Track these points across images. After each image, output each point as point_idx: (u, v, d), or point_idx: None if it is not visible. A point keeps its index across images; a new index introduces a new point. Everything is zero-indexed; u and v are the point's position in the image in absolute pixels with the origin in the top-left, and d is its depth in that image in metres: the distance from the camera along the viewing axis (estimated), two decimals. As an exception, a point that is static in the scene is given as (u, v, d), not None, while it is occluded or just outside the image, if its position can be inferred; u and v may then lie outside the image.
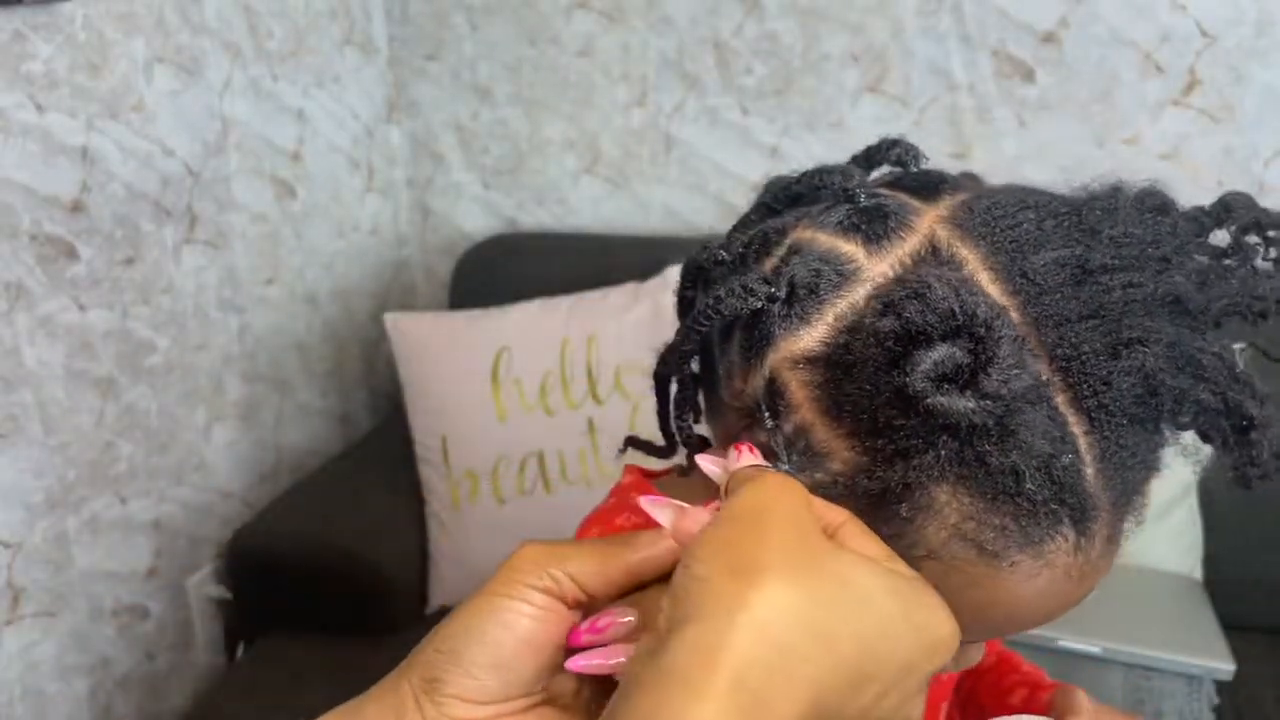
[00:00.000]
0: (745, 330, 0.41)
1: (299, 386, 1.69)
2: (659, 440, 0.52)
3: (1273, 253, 0.41)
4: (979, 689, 0.67)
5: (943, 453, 0.37)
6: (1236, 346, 0.39)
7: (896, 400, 0.37)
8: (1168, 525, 1.35)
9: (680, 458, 0.54)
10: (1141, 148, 1.52)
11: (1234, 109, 1.48)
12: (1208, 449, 0.41)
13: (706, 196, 1.74)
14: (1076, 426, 0.37)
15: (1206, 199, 0.43)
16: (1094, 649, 1.20)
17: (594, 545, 0.38)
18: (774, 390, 0.40)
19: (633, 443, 0.56)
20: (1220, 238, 0.42)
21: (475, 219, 1.89)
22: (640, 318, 1.50)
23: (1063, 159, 1.55)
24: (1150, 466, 0.40)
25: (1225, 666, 1.21)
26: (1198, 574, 1.38)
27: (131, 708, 1.39)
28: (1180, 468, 0.43)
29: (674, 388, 0.49)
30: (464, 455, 1.47)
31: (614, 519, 0.53)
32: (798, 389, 0.40)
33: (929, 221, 0.41)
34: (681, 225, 1.77)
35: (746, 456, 0.39)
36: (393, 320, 1.53)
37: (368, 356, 1.87)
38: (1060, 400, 0.37)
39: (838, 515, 0.37)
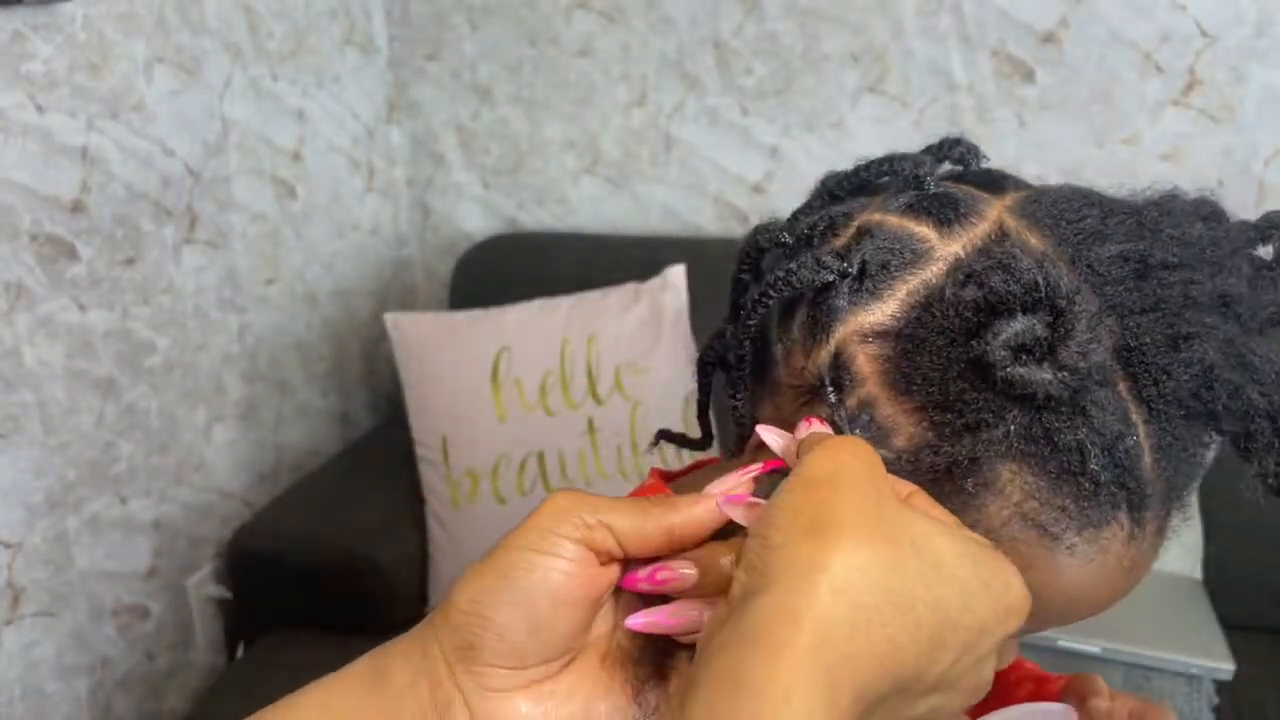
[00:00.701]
0: (811, 306, 0.41)
1: (299, 386, 1.69)
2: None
3: None
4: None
5: (1012, 427, 0.37)
6: None
7: (970, 372, 0.38)
8: (1168, 525, 1.35)
9: (714, 450, 0.54)
10: (1141, 148, 1.52)
11: (1234, 109, 1.48)
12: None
13: (706, 196, 1.74)
14: (1135, 415, 0.38)
15: None
16: (1094, 649, 1.20)
17: (632, 501, 0.37)
18: (839, 365, 0.40)
19: (666, 436, 0.56)
20: (1263, 253, 0.43)
21: (475, 219, 1.89)
22: (640, 318, 1.50)
23: (1063, 159, 1.55)
24: (1198, 464, 0.41)
25: (1225, 666, 1.21)
26: (1198, 574, 1.38)
27: (131, 708, 1.39)
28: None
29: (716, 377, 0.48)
30: (464, 455, 1.47)
31: None
32: (865, 362, 0.40)
33: (997, 211, 0.42)
34: (681, 225, 1.77)
35: (817, 427, 0.39)
36: (393, 320, 1.53)
37: (368, 356, 1.87)
38: (1121, 388, 0.38)
39: (906, 487, 0.37)
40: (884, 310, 0.40)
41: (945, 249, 0.41)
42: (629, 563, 0.37)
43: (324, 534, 1.44)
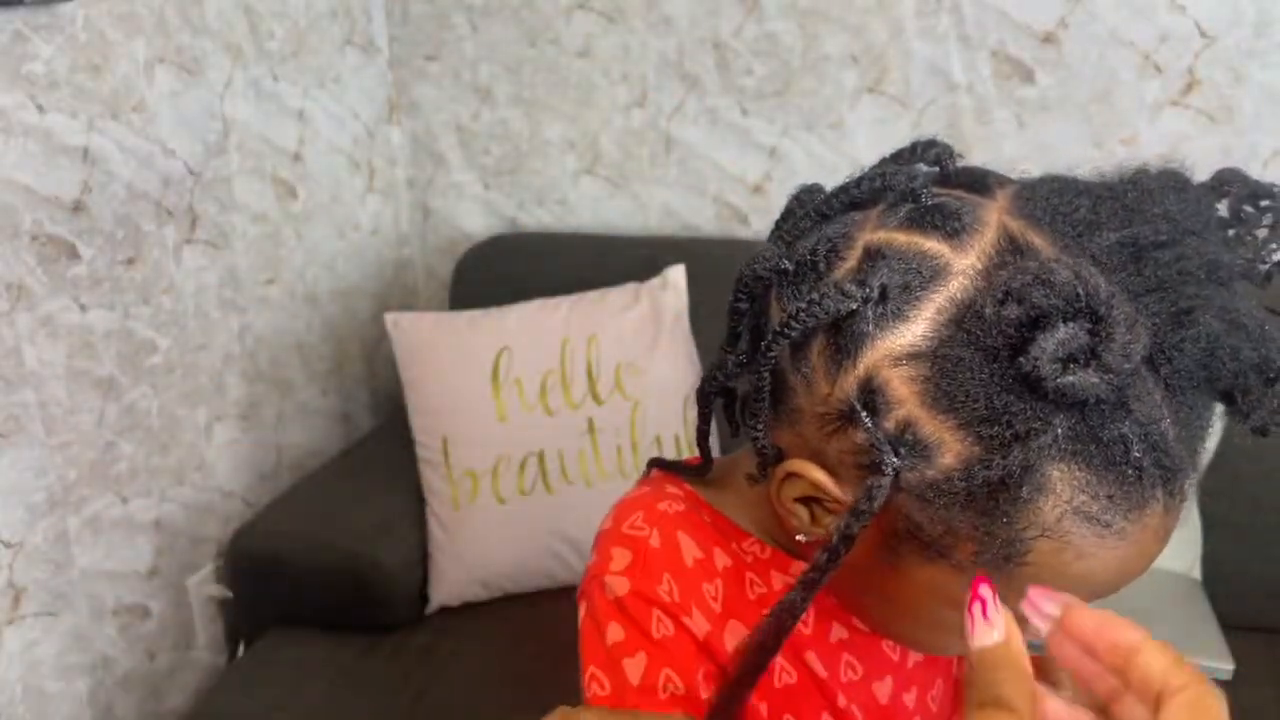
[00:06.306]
0: (830, 333, 0.42)
1: (299, 386, 1.70)
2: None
3: (1267, 220, 0.43)
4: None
5: (1060, 431, 0.38)
6: None
7: (1014, 385, 0.38)
8: (1166, 525, 1.35)
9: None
10: (1140, 148, 1.52)
11: (1232, 109, 1.48)
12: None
13: (706, 197, 1.74)
14: (1157, 393, 0.40)
15: None
16: (1093, 648, 1.21)
17: None
18: (871, 389, 0.41)
19: (660, 464, 0.58)
20: (1222, 209, 0.44)
21: (475, 219, 1.89)
22: (640, 318, 1.50)
23: (1062, 159, 1.54)
24: (1207, 426, 0.42)
25: (1224, 666, 1.21)
26: (1196, 573, 1.38)
27: (132, 707, 1.39)
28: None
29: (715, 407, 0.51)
30: (464, 455, 1.47)
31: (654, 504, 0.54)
32: (900, 385, 0.40)
33: (996, 215, 0.43)
34: (681, 226, 1.77)
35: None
36: (393, 320, 1.53)
37: (368, 356, 1.88)
38: (1142, 372, 0.40)
39: None
40: (913, 331, 0.41)
41: (961, 261, 0.41)
42: None
43: (324, 534, 1.44)
